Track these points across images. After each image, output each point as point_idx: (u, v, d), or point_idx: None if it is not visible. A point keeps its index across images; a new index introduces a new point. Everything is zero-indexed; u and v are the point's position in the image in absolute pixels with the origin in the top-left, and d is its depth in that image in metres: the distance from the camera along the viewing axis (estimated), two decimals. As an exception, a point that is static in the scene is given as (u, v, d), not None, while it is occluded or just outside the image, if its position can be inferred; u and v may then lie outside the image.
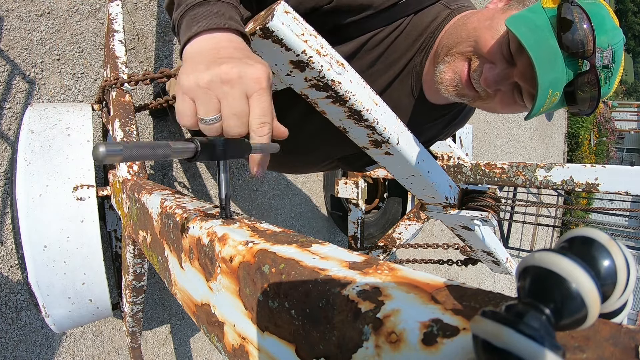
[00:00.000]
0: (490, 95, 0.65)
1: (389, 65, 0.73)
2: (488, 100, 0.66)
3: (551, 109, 0.60)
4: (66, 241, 0.89)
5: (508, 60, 0.60)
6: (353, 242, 1.90)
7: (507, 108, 0.65)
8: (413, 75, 0.74)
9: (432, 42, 0.70)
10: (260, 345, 0.29)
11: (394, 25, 0.69)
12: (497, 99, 0.65)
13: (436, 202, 0.85)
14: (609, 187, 0.95)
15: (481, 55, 0.62)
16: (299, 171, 1.17)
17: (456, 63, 0.65)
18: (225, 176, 0.40)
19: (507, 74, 0.61)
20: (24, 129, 0.94)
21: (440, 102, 0.78)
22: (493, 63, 0.61)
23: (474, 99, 0.67)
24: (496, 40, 0.60)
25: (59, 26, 1.45)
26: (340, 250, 0.30)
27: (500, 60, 0.60)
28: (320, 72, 0.51)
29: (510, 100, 0.63)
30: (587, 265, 0.15)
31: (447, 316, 0.19)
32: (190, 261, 0.41)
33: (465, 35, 0.64)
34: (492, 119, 4.95)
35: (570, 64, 0.55)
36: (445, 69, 0.66)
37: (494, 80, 0.61)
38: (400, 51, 0.72)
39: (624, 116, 15.86)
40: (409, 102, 0.77)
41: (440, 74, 0.67)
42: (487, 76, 0.61)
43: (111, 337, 1.61)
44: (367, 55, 0.70)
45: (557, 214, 6.46)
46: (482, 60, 0.62)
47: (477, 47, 0.62)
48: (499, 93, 0.64)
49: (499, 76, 0.61)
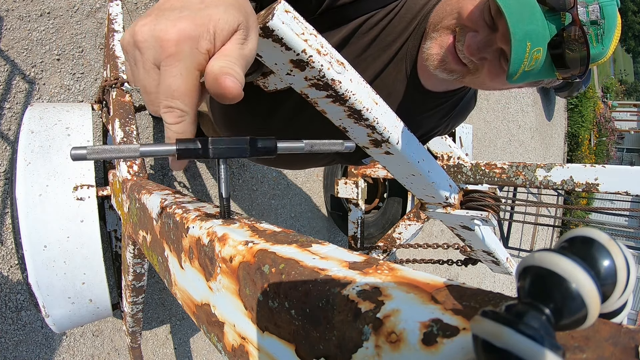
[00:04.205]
0: (478, 68, 0.64)
1: (383, 49, 0.72)
2: (477, 74, 0.65)
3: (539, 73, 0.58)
4: (66, 241, 0.89)
5: (490, 27, 0.60)
6: (353, 242, 1.90)
7: (497, 79, 0.64)
8: (407, 59, 0.74)
9: (425, 25, 0.70)
10: (260, 345, 0.29)
11: (389, 8, 0.69)
12: (485, 71, 0.64)
13: (436, 202, 0.85)
14: (609, 187, 0.95)
15: (464, 25, 0.62)
16: (296, 166, 1.15)
17: (442, 37, 0.65)
18: (225, 175, 0.40)
19: (490, 40, 0.60)
20: (24, 128, 0.94)
21: (436, 88, 0.77)
22: (476, 31, 0.61)
23: (462, 74, 0.67)
24: (476, 6, 0.60)
25: (59, 26, 1.45)
26: (340, 250, 0.30)
27: (483, 27, 0.60)
28: (320, 71, 0.51)
29: (498, 70, 0.63)
30: (587, 265, 0.15)
31: (447, 316, 0.19)
32: (190, 261, 0.41)
33: (449, 9, 0.64)
34: (492, 119, 4.95)
35: (552, 19, 0.54)
36: (432, 45, 0.66)
37: (477, 47, 0.60)
38: (395, 34, 0.71)
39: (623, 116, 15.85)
40: (404, 87, 0.77)
41: (427, 50, 0.67)
42: (470, 43, 0.61)
43: (111, 337, 1.61)
44: (362, 39, 0.70)
45: (557, 214, 6.46)
46: (465, 29, 0.62)
47: (459, 18, 0.62)
48: (486, 63, 0.63)
49: (482, 42, 0.60)
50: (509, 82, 0.59)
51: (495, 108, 5.05)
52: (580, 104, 8.87)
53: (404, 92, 0.77)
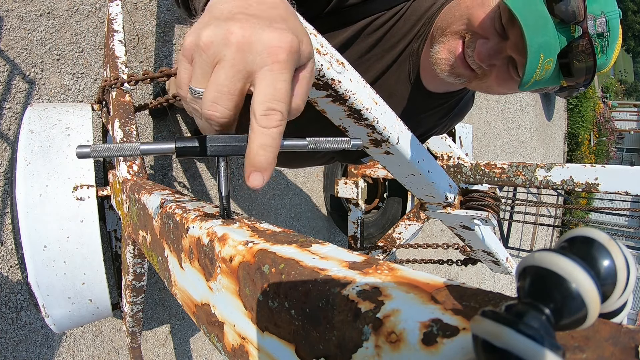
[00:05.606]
0: (486, 73, 0.65)
1: (387, 50, 0.73)
2: (484, 79, 0.66)
3: (547, 81, 0.59)
4: (66, 241, 0.89)
5: (501, 34, 0.61)
6: (353, 242, 1.90)
7: (504, 85, 0.65)
8: (410, 60, 0.74)
9: (429, 27, 0.71)
10: (260, 345, 0.29)
11: (394, 10, 0.70)
12: (492, 76, 0.65)
13: (436, 202, 0.85)
14: (609, 187, 0.95)
15: (474, 31, 0.63)
16: (294, 164, 1.15)
17: (450, 42, 0.66)
18: (225, 173, 0.39)
19: (500, 48, 0.61)
20: (24, 129, 0.94)
21: (438, 89, 0.78)
22: (486, 38, 0.62)
23: (469, 79, 0.67)
24: (488, 15, 0.61)
25: (59, 26, 1.45)
26: (340, 250, 0.30)
27: (493, 34, 0.61)
28: (320, 70, 0.51)
29: (506, 76, 0.63)
30: (587, 265, 0.15)
31: (447, 316, 0.19)
32: (190, 261, 0.41)
33: (458, 14, 0.65)
34: (492, 118, 4.95)
35: (563, 31, 0.55)
36: (440, 49, 0.67)
37: (487, 54, 0.61)
38: (399, 36, 0.72)
39: (623, 116, 15.86)
40: (406, 88, 0.77)
41: (435, 54, 0.67)
42: (481, 50, 0.61)
43: (111, 337, 1.61)
44: (367, 39, 0.71)
45: (557, 214, 6.46)
46: (476, 36, 0.63)
47: (469, 24, 0.63)
48: (494, 69, 0.64)
49: (492, 50, 0.61)
50: (521, 90, 0.60)
51: (495, 108, 5.06)
52: (580, 104, 8.87)
53: (405, 92, 0.78)
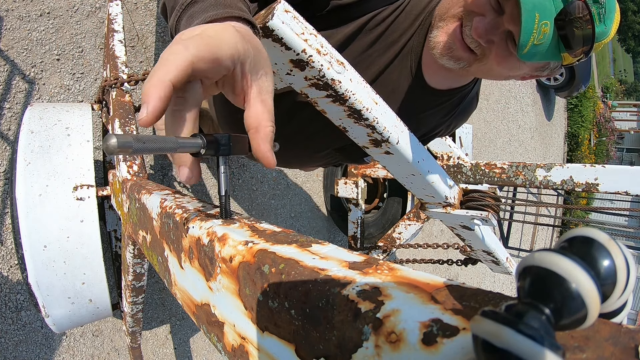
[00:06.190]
0: (485, 53, 0.65)
1: (388, 45, 0.73)
2: (484, 60, 0.66)
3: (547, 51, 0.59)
4: (66, 241, 0.89)
5: (497, 10, 0.61)
6: (353, 242, 1.90)
7: (504, 63, 0.65)
8: (412, 55, 0.74)
9: (430, 20, 0.71)
10: (260, 345, 0.29)
11: (395, 5, 0.70)
12: (492, 56, 0.65)
13: (436, 202, 0.85)
14: (609, 187, 0.95)
15: (470, 10, 0.64)
16: (294, 164, 1.15)
17: (448, 26, 0.67)
18: (225, 173, 0.39)
19: (497, 22, 0.62)
20: (24, 128, 0.94)
21: (440, 85, 0.78)
22: (482, 15, 0.63)
23: (469, 62, 0.68)
24: None
25: (59, 26, 1.45)
26: (340, 250, 0.30)
27: (490, 10, 0.62)
28: (320, 71, 0.51)
29: (505, 53, 0.64)
30: (587, 265, 0.15)
31: (447, 316, 0.19)
32: (190, 261, 0.41)
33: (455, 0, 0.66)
34: (492, 118, 4.95)
35: None
36: (438, 33, 0.68)
37: (484, 29, 0.62)
38: (400, 30, 0.72)
39: (623, 116, 15.84)
40: (408, 84, 0.77)
41: (434, 39, 0.68)
42: (477, 26, 0.62)
43: (111, 337, 1.61)
44: (368, 35, 0.71)
45: (557, 214, 6.46)
46: (472, 15, 0.64)
47: (466, 5, 0.64)
48: (493, 47, 0.64)
49: (489, 24, 0.62)
50: (520, 57, 0.59)
51: (495, 108, 5.05)
52: (580, 104, 8.87)
53: (407, 88, 0.78)
